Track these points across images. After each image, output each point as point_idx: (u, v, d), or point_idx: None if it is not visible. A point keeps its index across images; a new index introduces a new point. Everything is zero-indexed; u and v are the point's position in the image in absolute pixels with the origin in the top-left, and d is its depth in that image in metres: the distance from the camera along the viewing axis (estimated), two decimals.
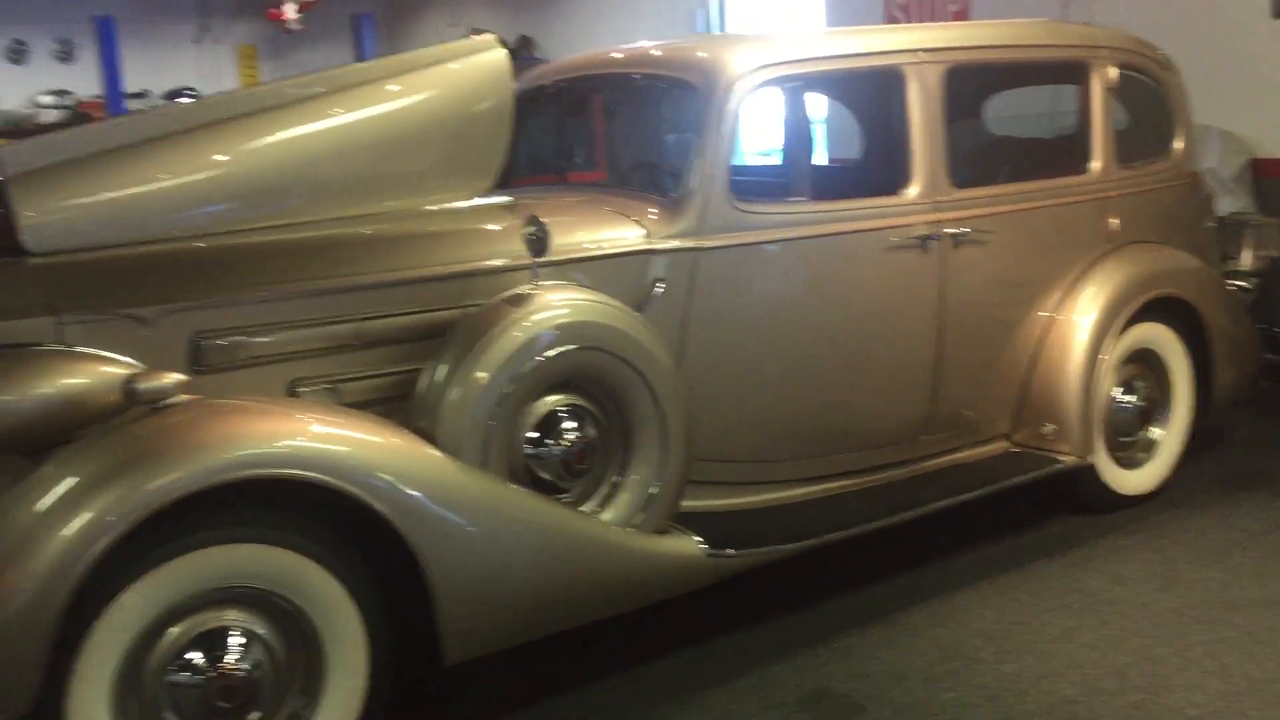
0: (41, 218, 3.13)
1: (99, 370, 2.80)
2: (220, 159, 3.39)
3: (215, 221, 3.34)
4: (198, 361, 3.05)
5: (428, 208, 3.68)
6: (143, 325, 2.99)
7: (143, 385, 2.75)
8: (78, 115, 16.05)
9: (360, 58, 14.68)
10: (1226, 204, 5.90)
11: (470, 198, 3.77)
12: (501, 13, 15.32)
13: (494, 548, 3.01)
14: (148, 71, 16.49)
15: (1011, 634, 3.64)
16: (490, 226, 3.66)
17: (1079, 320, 4.38)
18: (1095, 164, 4.54)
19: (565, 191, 4.26)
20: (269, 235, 3.35)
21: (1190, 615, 3.71)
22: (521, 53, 14.18)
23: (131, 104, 14.91)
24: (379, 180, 3.62)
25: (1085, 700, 3.25)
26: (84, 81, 16.44)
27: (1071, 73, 4.64)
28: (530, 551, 3.08)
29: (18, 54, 16.80)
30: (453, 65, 3.76)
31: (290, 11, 16.55)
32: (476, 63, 3.78)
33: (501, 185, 4.01)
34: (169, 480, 2.58)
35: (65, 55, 17.02)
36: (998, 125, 5.37)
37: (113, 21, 13.52)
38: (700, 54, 3.95)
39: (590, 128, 5.38)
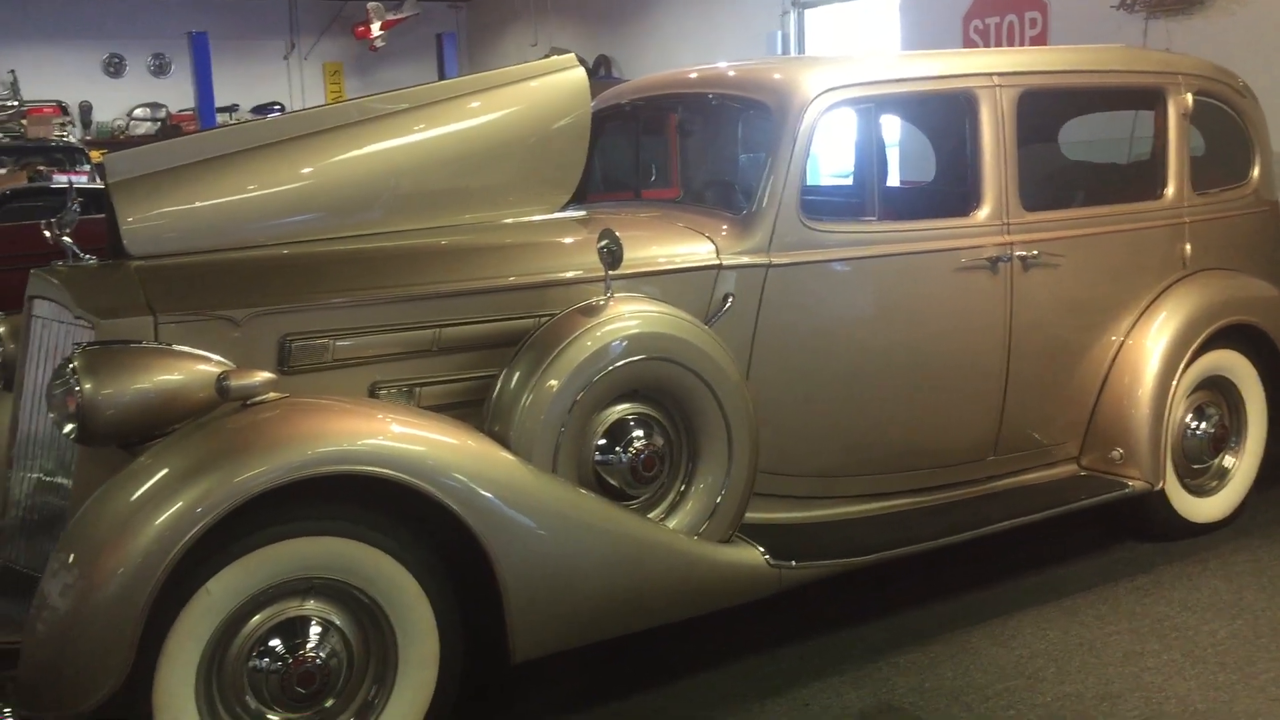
0: (141, 223, 3.30)
1: (193, 368, 2.94)
2: (307, 171, 3.53)
3: (302, 230, 3.49)
4: (285, 362, 3.19)
5: (506, 221, 3.79)
6: (234, 326, 3.13)
7: (234, 383, 2.88)
8: (168, 128, 16.60)
9: (443, 75, 14.99)
10: None
11: (547, 212, 3.89)
12: (581, 33, 15.55)
13: (563, 549, 3.10)
14: (238, 86, 17.00)
15: (1075, 655, 3.64)
16: (566, 240, 3.76)
17: (1150, 345, 4.36)
18: (1170, 190, 4.53)
19: (639, 207, 4.35)
20: (353, 244, 3.49)
21: (1258, 644, 3.68)
22: (600, 72, 14.38)
23: (221, 117, 15.36)
24: (459, 194, 3.74)
25: None
26: (177, 95, 16.99)
27: (1147, 99, 4.63)
28: (598, 555, 3.16)
29: (115, 68, 17.42)
30: (532, 83, 3.88)
31: (376, 29, 16.96)
32: (556, 81, 3.89)
33: (578, 200, 4.12)
34: (256, 474, 2.71)
35: (160, 69, 17.62)
36: (1078, 150, 5.35)
37: (206, 37, 13.93)
38: (775, 75, 4.02)
39: (665, 146, 5.47)
